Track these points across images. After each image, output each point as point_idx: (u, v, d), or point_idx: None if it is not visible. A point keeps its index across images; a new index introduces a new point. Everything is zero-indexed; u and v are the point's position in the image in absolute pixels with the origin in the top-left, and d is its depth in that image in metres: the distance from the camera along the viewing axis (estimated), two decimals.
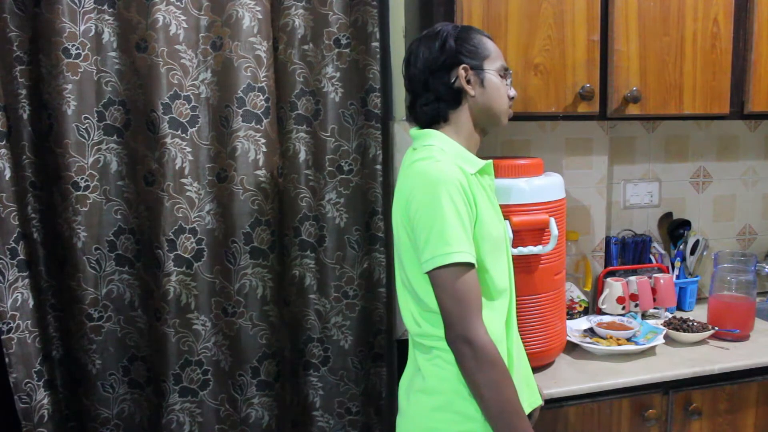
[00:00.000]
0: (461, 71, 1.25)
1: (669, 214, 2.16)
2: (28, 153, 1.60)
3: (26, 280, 1.59)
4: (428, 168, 1.17)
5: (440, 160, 1.18)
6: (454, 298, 1.13)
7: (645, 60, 1.69)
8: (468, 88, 1.26)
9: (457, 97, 1.27)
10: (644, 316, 1.98)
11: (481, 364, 1.12)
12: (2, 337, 1.55)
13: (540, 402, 1.38)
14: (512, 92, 1.34)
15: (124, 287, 1.68)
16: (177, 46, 1.60)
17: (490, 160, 1.30)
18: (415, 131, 1.31)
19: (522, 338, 1.57)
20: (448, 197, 1.14)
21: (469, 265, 1.14)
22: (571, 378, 1.58)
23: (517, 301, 1.58)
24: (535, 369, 1.61)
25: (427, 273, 1.15)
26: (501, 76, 1.30)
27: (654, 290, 1.97)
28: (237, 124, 1.64)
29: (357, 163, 1.78)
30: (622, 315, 1.91)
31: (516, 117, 1.70)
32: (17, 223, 1.57)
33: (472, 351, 1.12)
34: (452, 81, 1.26)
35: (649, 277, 1.99)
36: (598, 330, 1.78)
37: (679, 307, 2.09)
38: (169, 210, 1.63)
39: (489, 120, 1.31)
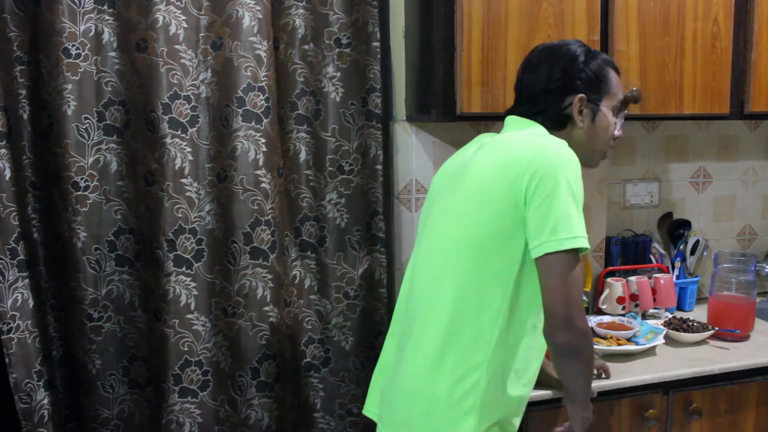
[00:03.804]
0: (577, 101, 1.22)
1: (669, 214, 2.16)
2: (28, 153, 1.60)
3: (26, 280, 1.59)
4: (560, 148, 1.14)
5: (565, 145, 1.16)
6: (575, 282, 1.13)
7: (645, 60, 1.69)
8: (578, 118, 1.23)
9: (562, 122, 1.24)
10: (644, 316, 1.98)
11: (591, 347, 1.20)
12: (2, 337, 1.55)
13: None
14: (618, 132, 1.30)
15: (124, 287, 1.68)
16: (177, 46, 1.60)
17: None
18: (520, 119, 1.25)
19: None
20: (580, 182, 1.12)
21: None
22: None
23: None
24: None
25: (549, 253, 1.10)
26: (614, 114, 1.27)
27: (654, 290, 1.97)
28: (237, 124, 1.64)
29: (358, 164, 1.78)
30: (622, 315, 1.91)
31: None
32: (17, 223, 1.57)
33: (585, 339, 1.16)
34: (564, 106, 1.23)
35: (649, 277, 1.99)
36: (598, 330, 1.78)
37: (679, 307, 2.09)
38: (169, 210, 1.63)
39: (583, 156, 1.23)
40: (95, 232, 1.64)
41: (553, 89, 1.23)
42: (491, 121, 1.90)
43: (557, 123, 1.24)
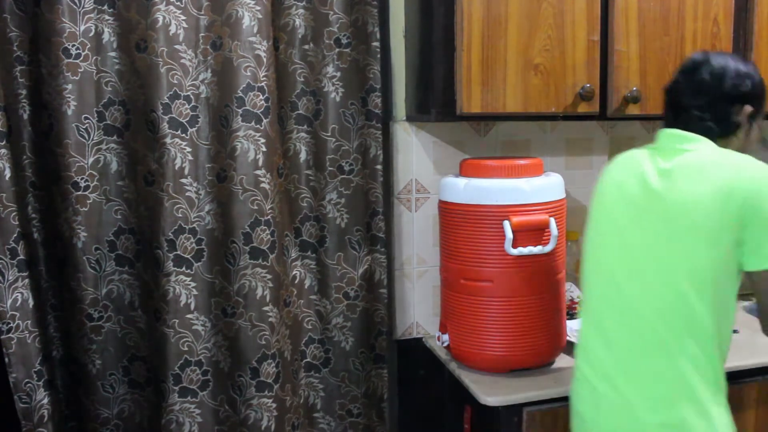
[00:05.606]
0: (746, 110, 1.27)
1: None
2: (28, 153, 1.60)
3: (26, 280, 1.59)
4: (756, 162, 1.19)
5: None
6: None
7: (645, 60, 1.69)
8: (744, 129, 1.29)
9: (726, 130, 1.28)
10: None
11: None
12: (2, 337, 1.55)
13: None
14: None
15: (124, 287, 1.68)
16: (177, 46, 1.60)
17: None
18: (682, 134, 1.28)
19: (522, 338, 1.58)
20: None
21: None
22: (571, 378, 1.58)
23: (517, 301, 1.58)
24: (535, 369, 1.62)
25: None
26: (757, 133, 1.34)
27: None
28: (237, 124, 1.64)
29: (358, 163, 1.78)
30: None
31: (516, 117, 1.71)
32: (17, 223, 1.57)
33: None
34: (734, 114, 1.27)
35: None
36: None
37: None
38: (168, 210, 1.63)
39: None
40: (95, 232, 1.64)
41: (732, 96, 1.27)
42: (491, 121, 1.90)
43: (723, 131, 1.28)
